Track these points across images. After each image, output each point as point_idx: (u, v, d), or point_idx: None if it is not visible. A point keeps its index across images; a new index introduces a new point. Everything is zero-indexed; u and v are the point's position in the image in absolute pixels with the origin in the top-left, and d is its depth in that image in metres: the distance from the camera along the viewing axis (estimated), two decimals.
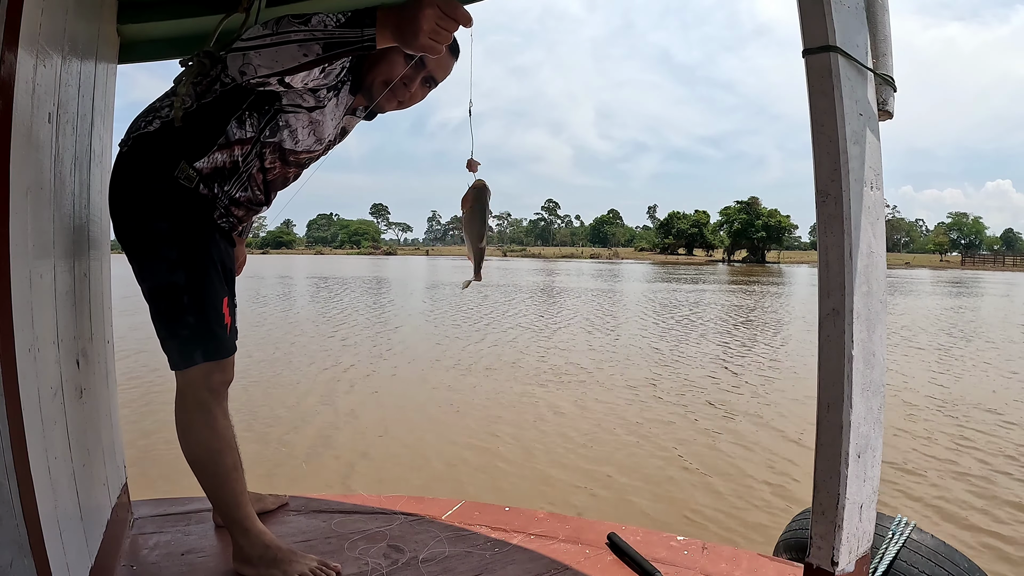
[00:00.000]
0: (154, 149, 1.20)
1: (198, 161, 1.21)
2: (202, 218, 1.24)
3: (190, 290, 1.22)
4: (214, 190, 1.24)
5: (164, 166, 1.19)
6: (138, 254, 1.23)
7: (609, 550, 1.47)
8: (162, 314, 1.24)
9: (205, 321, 1.23)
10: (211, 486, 1.29)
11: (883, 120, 1.03)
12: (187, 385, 1.26)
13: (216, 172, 1.23)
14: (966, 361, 7.31)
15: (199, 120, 1.21)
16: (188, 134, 1.21)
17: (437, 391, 5.49)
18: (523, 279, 24.78)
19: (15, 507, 0.81)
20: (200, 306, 1.23)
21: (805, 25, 0.91)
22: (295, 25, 1.04)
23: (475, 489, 3.32)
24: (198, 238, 1.23)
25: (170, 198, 1.20)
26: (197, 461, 1.28)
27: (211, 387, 1.26)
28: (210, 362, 1.25)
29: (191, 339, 1.23)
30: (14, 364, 0.81)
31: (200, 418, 1.26)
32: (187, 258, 1.22)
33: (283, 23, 1.05)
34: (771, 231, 68.11)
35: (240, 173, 1.26)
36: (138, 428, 4.13)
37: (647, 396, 5.40)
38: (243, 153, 1.25)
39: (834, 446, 0.93)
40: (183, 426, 1.28)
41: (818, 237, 0.95)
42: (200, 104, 1.22)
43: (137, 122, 1.24)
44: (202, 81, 1.23)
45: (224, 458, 1.27)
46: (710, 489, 3.37)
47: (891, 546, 1.42)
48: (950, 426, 4.56)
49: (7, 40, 0.80)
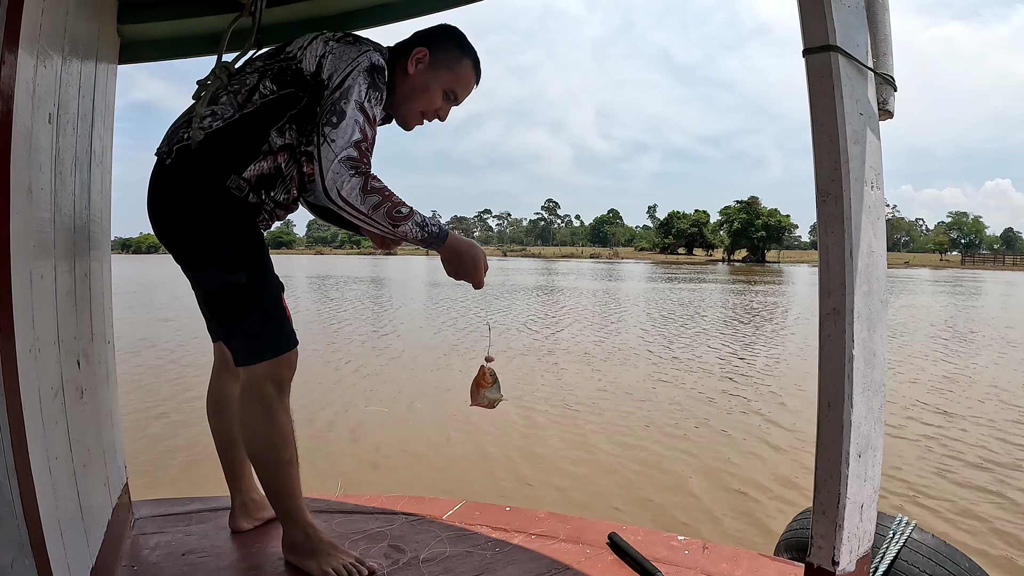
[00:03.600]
0: (200, 161, 1.23)
1: (246, 171, 1.24)
2: (250, 221, 1.29)
3: (252, 288, 1.26)
4: (261, 196, 1.28)
5: (214, 177, 1.23)
6: (193, 259, 1.27)
7: (610, 550, 1.47)
8: (226, 314, 1.28)
9: (270, 317, 1.28)
10: (265, 476, 1.33)
11: (883, 119, 1.02)
12: (251, 380, 1.28)
13: (262, 179, 1.27)
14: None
15: (242, 130, 1.24)
16: (232, 144, 1.23)
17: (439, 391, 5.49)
18: (523, 279, 24.76)
19: (16, 507, 0.81)
20: (264, 302, 1.27)
21: (805, 24, 0.91)
22: (387, 222, 1.20)
23: (479, 487, 3.32)
24: (250, 238, 1.28)
25: (220, 205, 1.23)
26: (255, 453, 1.32)
27: (276, 381, 1.28)
28: (277, 357, 1.28)
29: (259, 336, 1.26)
30: (15, 364, 0.81)
31: (261, 412, 1.28)
32: (244, 257, 1.26)
33: (379, 213, 1.18)
34: (771, 231, 68.14)
35: (283, 178, 1.29)
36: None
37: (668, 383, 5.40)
38: (285, 160, 1.28)
39: (835, 446, 0.93)
40: (245, 419, 1.31)
41: (818, 236, 0.95)
42: (242, 114, 1.24)
43: (178, 132, 1.26)
44: (240, 91, 1.26)
45: (281, 452, 1.30)
46: (712, 487, 3.37)
47: (892, 546, 1.42)
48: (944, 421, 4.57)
49: (7, 40, 0.80)
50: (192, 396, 5.09)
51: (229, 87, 1.28)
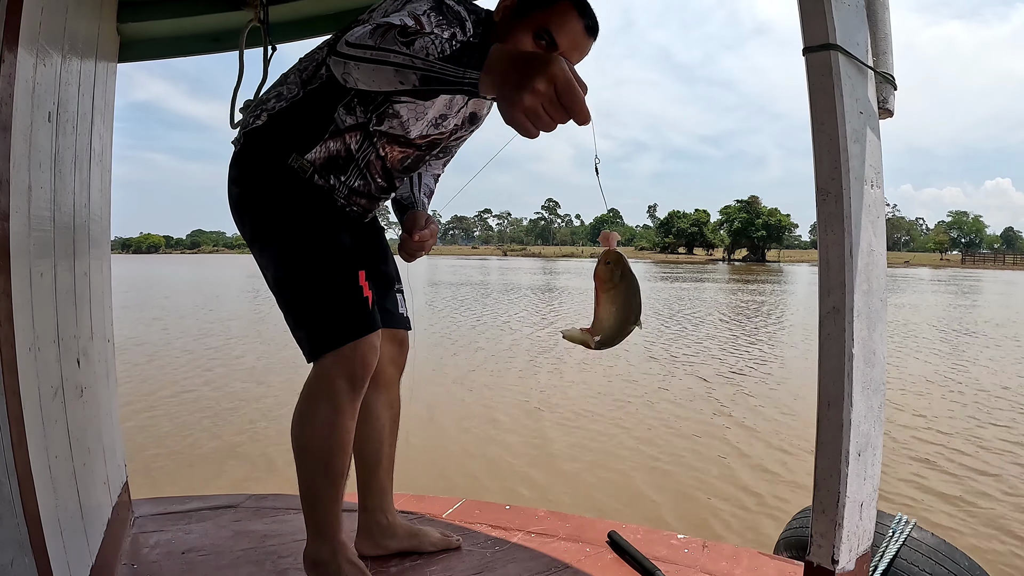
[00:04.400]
0: (265, 143, 1.15)
1: (310, 152, 1.13)
2: (323, 204, 1.17)
3: (312, 272, 1.13)
4: (330, 181, 1.16)
5: (276, 158, 1.13)
6: (258, 245, 1.17)
7: (609, 548, 1.47)
8: (288, 303, 1.15)
9: (335, 300, 1.12)
10: (307, 481, 1.17)
11: (883, 118, 1.02)
12: (319, 374, 1.13)
13: (330, 163, 1.15)
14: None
15: (307, 108, 1.14)
16: (297, 124, 1.14)
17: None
18: (524, 279, 24.74)
19: (16, 506, 0.81)
20: (326, 287, 1.13)
21: (805, 23, 0.91)
22: (397, 43, 0.87)
23: (478, 485, 3.32)
24: (316, 220, 1.14)
25: (285, 187, 1.13)
26: (303, 453, 1.16)
27: (350, 374, 1.12)
28: (347, 346, 1.11)
29: (320, 323, 1.12)
30: (15, 363, 0.81)
31: (325, 411, 1.12)
32: (305, 241, 1.13)
33: (388, 37, 0.88)
34: (771, 230, 68.14)
35: (356, 162, 1.17)
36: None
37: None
38: (357, 141, 1.16)
39: (834, 444, 0.93)
40: (303, 413, 1.14)
41: (818, 235, 0.95)
42: (307, 91, 1.14)
43: (246, 119, 1.20)
44: (308, 67, 1.16)
45: (335, 462, 1.14)
46: (711, 487, 3.37)
47: (891, 544, 1.42)
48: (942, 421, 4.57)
49: (7, 39, 0.80)
50: (166, 394, 5.10)
51: (299, 66, 1.18)
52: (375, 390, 1.34)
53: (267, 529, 1.55)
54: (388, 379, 1.39)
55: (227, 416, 4.58)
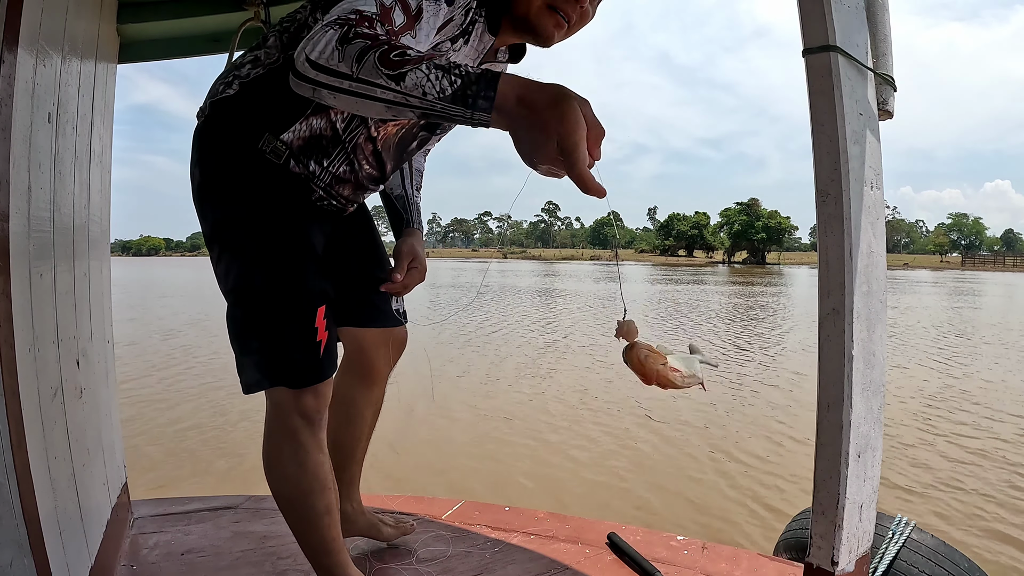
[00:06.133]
0: (234, 117, 0.96)
1: (286, 132, 0.95)
2: (294, 202, 0.99)
3: (269, 296, 0.97)
4: (310, 167, 0.98)
5: (244, 138, 0.95)
6: (216, 249, 0.99)
7: (609, 550, 1.46)
8: (235, 321, 1.00)
9: (284, 339, 0.98)
10: (298, 528, 1.07)
11: (883, 120, 1.03)
12: (275, 408, 1.02)
13: (311, 144, 0.97)
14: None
15: (286, 77, 0.81)
16: (274, 95, 0.94)
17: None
18: (524, 281, 24.75)
19: (15, 507, 0.81)
20: (281, 318, 0.97)
21: (805, 25, 0.91)
22: (382, 77, 0.70)
23: (480, 486, 3.32)
24: (287, 228, 0.98)
25: (252, 177, 0.96)
26: (283, 498, 1.06)
27: (302, 412, 1.01)
28: (292, 391, 1.00)
29: (265, 360, 0.99)
30: (14, 364, 0.81)
31: (288, 450, 1.02)
32: (269, 254, 0.97)
33: (367, 65, 0.70)
34: (771, 232, 68.23)
35: (343, 143, 1.00)
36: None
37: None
38: (344, 118, 0.98)
39: (834, 446, 0.93)
40: (268, 457, 1.04)
41: (818, 237, 0.95)
42: (287, 56, 0.94)
43: (215, 86, 1.00)
44: (289, 28, 0.98)
45: (316, 500, 1.03)
46: (712, 486, 3.37)
47: (891, 546, 1.42)
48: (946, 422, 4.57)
49: (7, 40, 0.80)
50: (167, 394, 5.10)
51: (280, 27, 0.99)
52: (361, 385, 1.32)
53: (266, 530, 1.54)
54: (377, 376, 1.34)
55: (227, 416, 4.59)
